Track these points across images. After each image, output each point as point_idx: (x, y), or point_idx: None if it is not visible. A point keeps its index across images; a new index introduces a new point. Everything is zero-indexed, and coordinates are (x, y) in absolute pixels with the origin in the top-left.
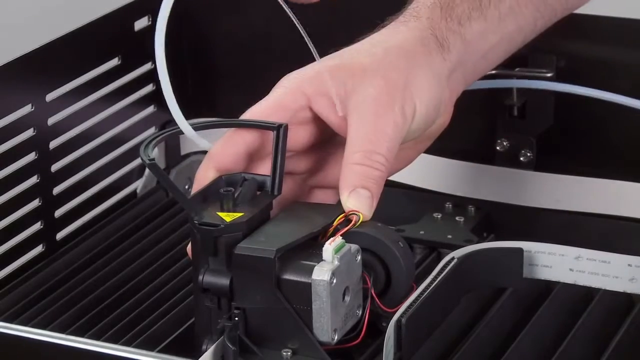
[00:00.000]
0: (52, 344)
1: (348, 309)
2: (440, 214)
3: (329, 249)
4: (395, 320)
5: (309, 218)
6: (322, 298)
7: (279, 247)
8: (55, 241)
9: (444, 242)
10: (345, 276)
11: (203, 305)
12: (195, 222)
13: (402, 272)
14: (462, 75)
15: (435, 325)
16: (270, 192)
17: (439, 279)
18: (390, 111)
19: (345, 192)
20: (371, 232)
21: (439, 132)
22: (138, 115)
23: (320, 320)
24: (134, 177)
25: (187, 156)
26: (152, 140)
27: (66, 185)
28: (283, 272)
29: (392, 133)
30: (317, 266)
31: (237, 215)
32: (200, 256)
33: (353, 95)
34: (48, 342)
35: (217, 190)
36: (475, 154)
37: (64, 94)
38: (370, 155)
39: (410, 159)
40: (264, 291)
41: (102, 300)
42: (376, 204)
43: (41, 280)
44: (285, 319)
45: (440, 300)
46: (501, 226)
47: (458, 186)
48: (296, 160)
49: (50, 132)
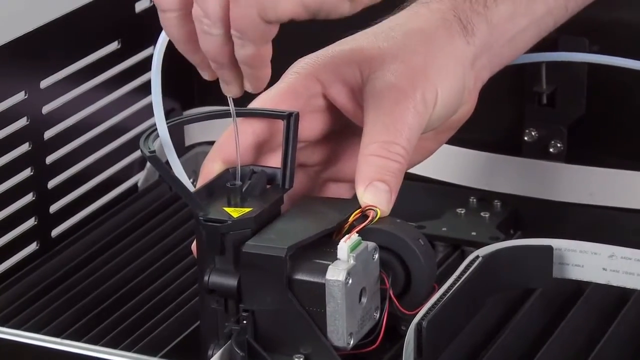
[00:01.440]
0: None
1: (365, 312)
2: (463, 210)
3: (344, 247)
4: (415, 324)
5: (322, 214)
6: (337, 300)
7: (291, 245)
8: (50, 238)
9: (467, 240)
10: (362, 276)
11: (209, 307)
12: (201, 218)
13: (423, 271)
14: (487, 60)
15: (459, 329)
16: (280, 186)
17: (463, 279)
18: (410, 99)
19: (362, 186)
20: (390, 228)
21: (462, 121)
22: (139, 104)
23: (335, 324)
24: (135, 169)
25: (192, 147)
26: (154, 131)
27: (62, 179)
28: (295, 271)
29: (412, 122)
30: (331, 265)
31: (246, 211)
32: (205, 255)
33: (370, 82)
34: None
35: (224, 184)
36: (502, 144)
37: (59, 80)
38: (388, 146)
39: (431, 150)
40: (275, 292)
41: (101, 302)
42: (395, 198)
43: (35, 280)
44: (297, 322)
45: (464, 302)
46: (529, 222)
47: (483, 179)
48: (309, 151)
49: (45, 122)
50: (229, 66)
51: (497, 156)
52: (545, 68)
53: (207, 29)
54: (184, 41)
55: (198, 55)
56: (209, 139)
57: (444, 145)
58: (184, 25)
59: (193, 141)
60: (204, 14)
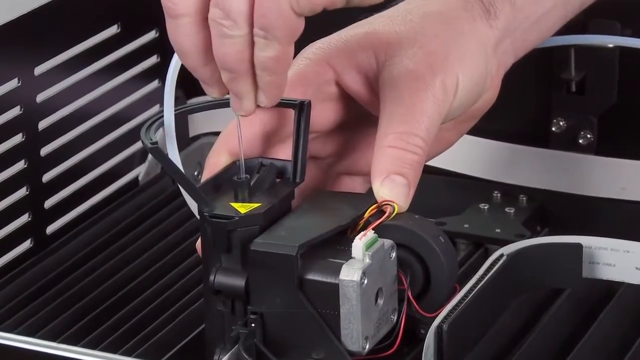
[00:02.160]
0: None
1: (381, 314)
2: (487, 205)
3: (359, 244)
4: (435, 327)
5: (335, 209)
6: (352, 301)
7: (302, 242)
8: (45, 235)
9: (491, 237)
10: (378, 276)
11: (215, 309)
12: (206, 214)
13: (443, 271)
14: (511, 45)
15: (482, 332)
16: (291, 180)
17: (486, 280)
18: (429, 86)
19: (378, 180)
20: (408, 225)
21: (485, 110)
22: (140, 91)
23: (350, 327)
24: (136, 162)
25: (196, 138)
26: (156, 121)
27: (57, 172)
28: (306, 271)
29: (431, 111)
30: (345, 264)
31: (254, 206)
32: (211, 253)
33: (386, 68)
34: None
35: (231, 177)
36: (527, 135)
37: (55, 66)
38: (406, 137)
39: (451, 141)
40: (285, 293)
41: (99, 303)
42: (413, 192)
43: (29, 280)
44: (308, 325)
45: (487, 303)
46: (557, 218)
47: (507, 172)
48: (321, 142)
49: (40, 111)
50: (245, 75)
51: (523, 148)
52: (574, 53)
53: (227, 31)
54: (196, 52)
55: (208, 69)
56: (214, 130)
57: (465, 136)
58: (197, 32)
59: (197, 132)
60: (225, 15)
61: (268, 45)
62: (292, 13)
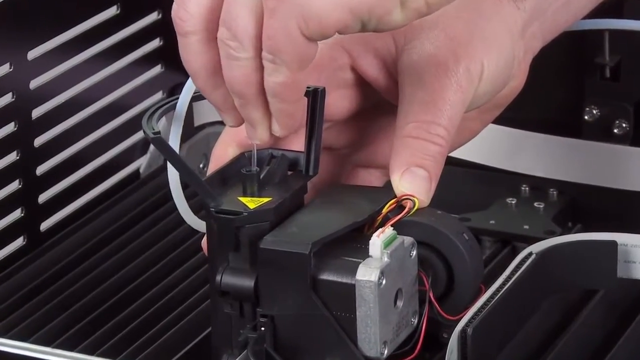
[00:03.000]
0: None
1: (401, 317)
2: (514, 199)
3: (377, 242)
4: (459, 331)
5: (351, 204)
6: (369, 303)
7: (315, 240)
8: (38, 232)
9: (519, 234)
10: (397, 276)
11: (222, 311)
12: (212, 209)
13: (468, 270)
14: (539, 28)
15: (509, 337)
16: (304, 172)
17: (513, 280)
18: (451, 72)
19: (397, 172)
20: (429, 221)
21: (511, 98)
22: (141, 77)
23: (367, 331)
24: (137, 153)
25: (202, 127)
26: (158, 109)
27: (52, 164)
28: (320, 271)
29: (454, 99)
30: (362, 264)
31: (264, 201)
32: (218, 252)
33: (406, 53)
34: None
35: (239, 170)
36: (558, 124)
37: (49, 50)
38: (427, 127)
39: (475, 131)
40: (297, 294)
41: (98, 305)
42: (435, 186)
43: (21, 280)
44: (322, 329)
45: (515, 305)
46: (590, 214)
47: (536, 164)
48: (336, 132)
49: (33, 98)
50: (255, 101)
51: (553, 138)
52: (608, 37)
53: (234, 52)
54: (205, 73)
55: (220, 92)
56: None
57: (490, 125)
58: (206, 52)
59: (203, 120)
60: (232, 35)
61: (276, 70)
62: (301, 37)
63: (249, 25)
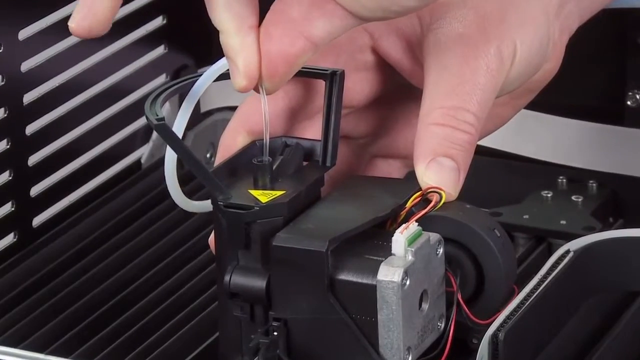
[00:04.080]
0: None
1: (426, 321)
2: (550, 192)
3: (401, 239)
4: (490, 336)
5: (372, 198)
6: (392, 306)
7: (333, 236)
8: (30, 228)
9: (555, 230)
10: (423, 276)
11: (231, 315)
12: (220, 203)
13: (499, 270)
14: (575, 6)
15: (544, 342)
16: (320, 163)
17: (549, 280)
18: (482, 53)
19: (422, 163)
20: (457, 216)
21: (545, 82)
22: (143, 59)
23: (389, 336)
24: (138, 142)
25: (209, 114)
26: (162, 93)
27: (46, 154)
28: (338, 270)
29: (484, 82)
30: (384, 263)
31: (277, 194)
32: (226, 249)
33: (432, 32)
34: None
35: (250, 160)
36: (597, 110)
37: (42, 29)
38: (455, 113)
39: (506, 117)
40: (313, 296)
41: (95, 308)
42: (464, 178)
43: (12, 281)
44: (341, 334)
45: (551, 308)
46: (632, 208)
47: (574, 154)
48: (354, 119)
49: (25, 82)
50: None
51: (592, 125)
52: None
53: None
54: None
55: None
56: (230, 104)
57: (522, 111)
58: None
59: (210, 106)
60: None
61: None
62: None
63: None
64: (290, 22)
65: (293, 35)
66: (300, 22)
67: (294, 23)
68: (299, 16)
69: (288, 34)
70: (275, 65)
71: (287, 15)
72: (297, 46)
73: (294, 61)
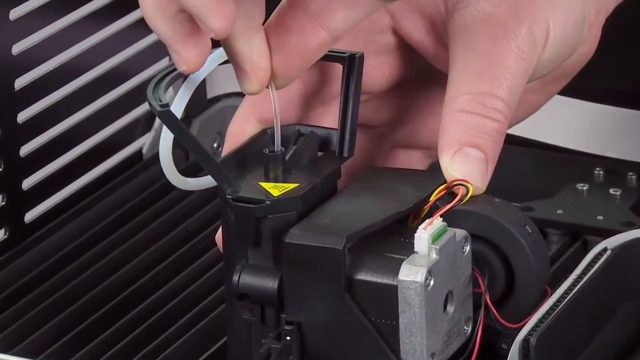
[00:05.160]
0: None
1: (452, 324)
2: (586, 185)
3: (424, 236)
4: (520, 340)
5: (393, 191)
6: (414, 308)
7: (351, 233)
8: (23, 224)
9: (591, 226)
10: (448, 276)
11: (239, 318)
12: (229, 197)
13: (531, 269)
14: None
15: (579, 348)
16: (337, 153)
17: (585, 280)
18: (512, 35)
19: (448, 153)
20: (486, 211)
21: (580, 66)
22: (144, 41)
23: (411, 341)
24: (139, 130)
25: (216, 100)
26: (166, 77)
27: (39, 143)
28: (356, 270)
29: (515, 66)
30: (405, 261)
31: (290, 187)
32: (235, 247)
33: (458, 12)
34: None
35: (260, 150)
36: (637, 97)
37: (35, 9)
38: (483, 99)
39: (538, 104)
40: (329, 298)
41: (93, 310)
42: (492, 169)
43: (3, 281)
44: (359, 339)
45: (587, 311)
46: None
47: (612, 144)
48: (374, 106)
49: (16, 65)
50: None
51: (631, 112)
52: None
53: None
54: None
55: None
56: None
57: (556, 97)
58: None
59: (217, 92)
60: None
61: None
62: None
63: None
64: (308, 12)
65: (311, 27)
66: (318, 12)
67: (311, 14)
68: (317, 6)
69: (305, 26)
70: (290, 60)
71: (304, 5)
72: (315, 39)
73: (310, 55)
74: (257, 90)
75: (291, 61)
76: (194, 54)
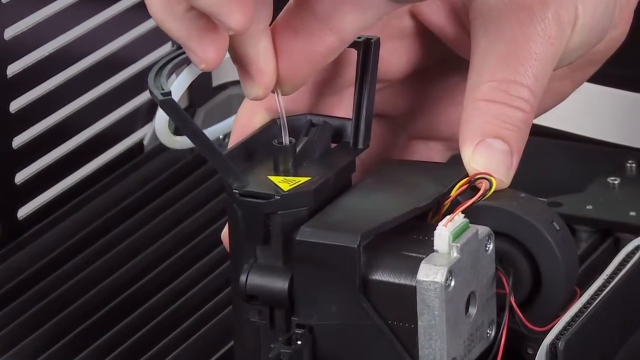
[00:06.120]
0: None
1: (474, 328)
2: (617, 179)
3: (445, 233)
4: (548, 344)
5: (411, 185)
6: (434, 310)
7: (366, 230)
8: (15, 220)
9: (623, 223)
10: (470, 276)
11: (247, 321)
12: (236, 191)
13: (558, 269)
14: None
15: (610, 353)
16: (351, 145)
17: (616, 281)
18: (538, 18)
19: (470, 145)
20: (510, 207)
21: (611, 52)
22: (144, 25)
23: (431, 345)
24: (139, 121)
25: (222, 88)
26: (168, 63)
27: (33, 134)
28: (372, 269)
29: (541, 52)
30: (424, 260)
31: (301, 181)
32: (243, 245)
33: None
34: None
35: (269, 141)
36: None
37: None
38: (507, 87)
39: (565, 93)
40: (342, 299)
41: (90, 313)
42: (517, 162)
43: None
44: (374, 342)
45: (618, 313)
46: None
47: None
48: (390, 95)
49: (9, 51)
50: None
51: None
52: None
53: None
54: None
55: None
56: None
57: (585, 85)
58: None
59: (224, 79)
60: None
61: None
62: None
63: None
64: (316, 15)
65: (319, 31)
66: (327, 15)
67: (320, 16)
68: (326, 9)
69: (314, 29)
70: (297, 65)
71: (312, 8)
72: (323, 43)
73: (318, 60)
74: (262, 96)
75: (298, 66)
76: (211, 52)
